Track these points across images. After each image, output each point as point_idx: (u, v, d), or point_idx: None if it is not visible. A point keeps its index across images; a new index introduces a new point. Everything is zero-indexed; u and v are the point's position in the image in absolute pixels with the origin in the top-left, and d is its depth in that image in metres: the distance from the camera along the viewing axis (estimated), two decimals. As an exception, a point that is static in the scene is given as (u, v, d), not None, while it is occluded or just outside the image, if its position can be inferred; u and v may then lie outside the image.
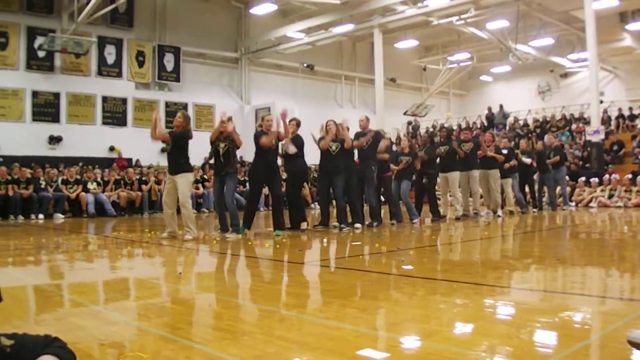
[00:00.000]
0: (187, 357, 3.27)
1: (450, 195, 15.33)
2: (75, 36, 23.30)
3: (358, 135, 13.06)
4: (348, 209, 12.69)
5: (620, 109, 28.69)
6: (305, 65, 32.91)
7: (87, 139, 24.75)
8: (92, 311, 4.61)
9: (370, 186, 13.04)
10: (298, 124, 12.31)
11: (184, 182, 10.60)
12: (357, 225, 12.36)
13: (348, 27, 28.76)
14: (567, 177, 19.38)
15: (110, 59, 26.31)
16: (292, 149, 11.84)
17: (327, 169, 12.30)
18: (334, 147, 12.14)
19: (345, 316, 4.26)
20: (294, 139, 12.02)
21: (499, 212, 15.70)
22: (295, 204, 12.38)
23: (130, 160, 25.20)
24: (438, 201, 15.47)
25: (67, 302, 5.22)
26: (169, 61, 28.13)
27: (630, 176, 20.03)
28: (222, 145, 11.13)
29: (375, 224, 12.91)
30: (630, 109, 28.22)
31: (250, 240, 10.33)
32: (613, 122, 27.82)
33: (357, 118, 14.03)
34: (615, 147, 24.28)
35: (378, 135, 13.27)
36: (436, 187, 15.47)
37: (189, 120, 11.03)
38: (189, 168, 10.85)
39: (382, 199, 14.84)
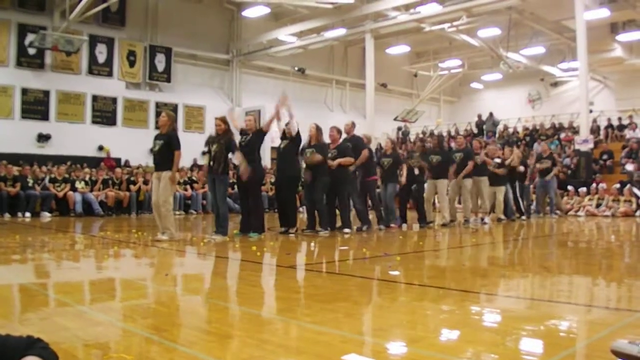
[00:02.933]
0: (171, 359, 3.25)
1: (438, 202, 15.36)
2: (67, 34, 23.22)
3: (344, 141, 13.09)
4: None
5: (609, 119, 28.82)
6: (296, 68, 32.90)
7: (76, 138, 24.66)
8: (77, 311, 4.58)
9: (355, 191, 13.04)
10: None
11: (168, 181, 10.55)
12: (346, 230, 12.34)
13: (340, 32, 28.78)
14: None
15: (101, 57, 26.23)
16: (294, 127, 11.85)
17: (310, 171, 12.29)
18: (308, 153, 12.13)
19: (332, 321, 4.25)
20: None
21: (486, 220, 15.72)
22: (288, 207, 12.33)
23: (119, 160, 25.14)
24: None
25: (52, 302, 5.18)
26: (160, 61, 28.07)
27: (618, 186, 20.13)
28: (214, 147, 11.08)
29: (365, 227, 12.90)
30: (620, 119, 28.34)
31: (238, 243, 10.31)
32: (602, 132, 27.95)
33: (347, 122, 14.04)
34: (604, 157, 24.39)
35: (356, 140, 13.30)
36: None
37: (174, 119, 11.02)
38: (170, 167, 10.79)
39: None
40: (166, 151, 10.55)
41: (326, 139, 12.76)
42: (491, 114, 32.71)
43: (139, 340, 3.71)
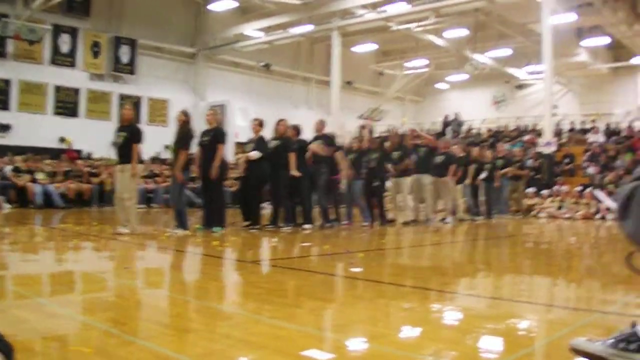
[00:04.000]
0: (130, 353, 3.22)
1: (400, 201, 15.39)
2: (30, 23, 22.90)
3: (315, 139, 13.11)
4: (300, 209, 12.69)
5: (572, 123, 29.14)
6: (262, 64, 32.78)
7: (37, 129, 24.24)
8: (35, 304, 4.53)
9: (320, 188, 13.03)
10: (261, 124, 12.26)
11: (131, 174, 10.46)
12: (307, 226, 12.34)
13: (307, 28, 28.72)
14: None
15: (65, 47, 25.83)
16: (255, 155, 11.78)
17: (273, 168, 12.27)
18: (273, 145, 12.12)
19: (292, 316, 4.25)
20: (258, 141, 11.98)
21: (448, 219, 15.79)
22: (252, 203, 12.29)
23: (80, 152, 24.84)
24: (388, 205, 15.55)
25: (10, 294, 5.11)
26: (124, 53, 27.73)
27: (579, 189, 20.34)
28: (174, 141, 10.99)
29: (326, 225, 12.90)
30: (583, 122, 28.69)
31: (199, 237, 10.25)
32: (565, 135, 28.22)
33: (312, 120, 14.04)
34: (566, 160, 24.62)
35: (325, 138, 13.30)
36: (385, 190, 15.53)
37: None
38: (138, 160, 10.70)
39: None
40: (130, 144, 10.45)
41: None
42: (456, 115, 32.90)
43: (98, 333, 3.67)
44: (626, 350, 2.75)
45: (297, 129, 12.90)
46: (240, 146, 13.29)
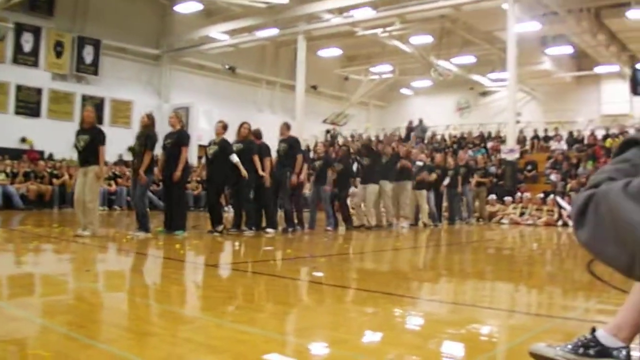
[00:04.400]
0: (90, 356, 3.18)
1: (364, 206, 15.44)
2: (-9, 21, 22.70)
3: (280, 142, 13.12)
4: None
5: (535, 130, 29.39)
6: (227, 67, 32.68)
7: (-2, 128, 24.03)
8: (-8, 306, 4.46)
9: (284, 192, 13.02)
10: (225, 127, 12.21)
11: (95, 176, 10.36)
12: (269, 230, 12.30)
13: (272, 32, 28.70)
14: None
15: (27, 47, 25.50)
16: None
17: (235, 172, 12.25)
18: (235, 148, 12.09)
19: (254, 320, 4.22)
20: (222, 142, 11.93)
21: (404, 224, 15.86)
22: (214, 207, 12.26)
23: (42, 152, 24.56)
24: (352, 210, 15.58)
25: (-34, 295, 5.03)
26: (88, 53, 27.43)
27: (541, 195, 20.55)
28: (136, 143, 10.91)
29: (290, 229, 12.88)
30: (546, 130, 28.93)
31: (161, 241, 10.18)
32: (528, 143, 28.47)
33: (276, 123, 14.03)
34: (529, 167, 24.85)
35: (291, 140, 13.29)
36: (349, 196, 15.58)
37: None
38: (98, 162, 10.59)
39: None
40: (93, 146, 10.34)
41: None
42: (421, 121, 33.04)
43: (57, 336, 3.63)
44: (586, 355, 2.78)
45: (257, 134, 12.88)
46: (204, 149, 13.19)
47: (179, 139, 11.17)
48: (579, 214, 1.36)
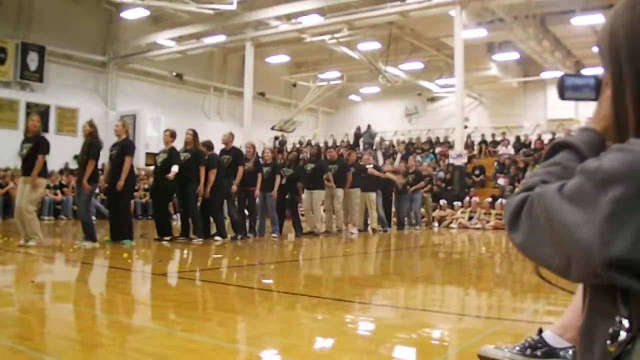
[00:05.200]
0: (35, 369, 3.11)
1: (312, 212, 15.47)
2: None
3: (222, 152, 13.10)
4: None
5: (483, 135, 29.73)
6: (174, 74, 32.51)
7: (-62, 138, 23.53)
8: None
9: (230, 200, 13.00)
10: (173, 135, 12.15)
11: (31, 186, 10.19)
12: (217, 238, 12.24)
13: (220, 38, 28.65)
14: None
15: (-31, 54, 25.19)
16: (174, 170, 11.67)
17: (183, 179, 12.19)
18: (182, 157, 12.06)
19: (204, 329, 4.19)
20: (170, 151, 11.89)
21: (353, 230, 15.95)
22: (162, 215, 12.18)
23: (-14, 162, 24.14)
24: (301, 217, 15.60)
25: None
26: (32, 60, 27.02)
27: (490, 200, 20.79)
28: (80, 152, 10.75)
29: (239, 237, 12.83)
30: (493, 135, 29.27)
31: (108, 250, 10.06)
32: (476, 147, 28.75)
33: (224, 130, 14.01)
34: (477, 172, 25.11)
35: (235, 151, 13.29)
36: (299, 203, 15.61)
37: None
38: (43, 172, 10.41)
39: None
40: (35, 155, 10.16)
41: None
42: (369, 126, 33.17)
43: (2, 350, 3.55)
44: (534, 356, 2.81)
45: (209, 145, 12.82)
46: (151, 157, 13.08)
47: (123, 148, 11.02)
48: (512, 218, 1.38)
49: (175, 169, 11.66)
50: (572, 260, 1.23)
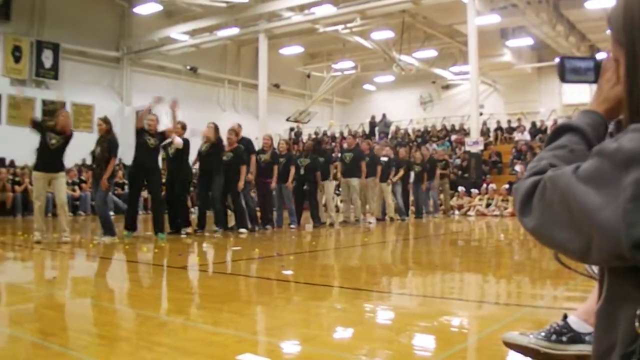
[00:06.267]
0: (60, 364, 3.14)
1: (324, 204, 15.49)
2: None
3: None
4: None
5: (498, 122, 29.59)
6: (188, 67, 32.53)
7: (-44, 136, 23.68)
8: (-42, 316, 4.39)
9: (246, 191, 13.03)
10: (184, 127, 12.17)
11: (64, 182, 10.31)
12: (242, 230, 12.26)
13: (233, 31, 28.63)
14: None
15: (-15, 52, 25.28)
16: (178, 141, 11.65)
17: (204, 171, 12.25)
18: (203, 148, 12.13)
19: (225, 321, 4.21)
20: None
21: (371, 220, 15.94)
22: (178, 207, 12.20)
23: (3, 160, 24.23)
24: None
25: None
26: (47, 58, 27.12)
27: (507, 186, 20.68)
28: (98, 148, 10.79)
29: (257, 228, 12.85)
30: (509, 121, 29.14)
31: (129, 244, 10.10)
32: (492, 134, 28.64)
33: (239, 122, 14.02)
34: (493, 158, 25.01)
35: (246, 143, 13.28)
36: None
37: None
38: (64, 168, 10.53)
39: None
40: (62, 152, 10.25)
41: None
42: (384, 116, 33.10)
43: (26, 345, 3.58)
44: (559, 342, 2.80)
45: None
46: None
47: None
48: (523, 202, 1.38)
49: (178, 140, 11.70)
50: (592, 243, 1.22)
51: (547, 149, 1.51)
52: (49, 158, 10.19)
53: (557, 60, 1.67)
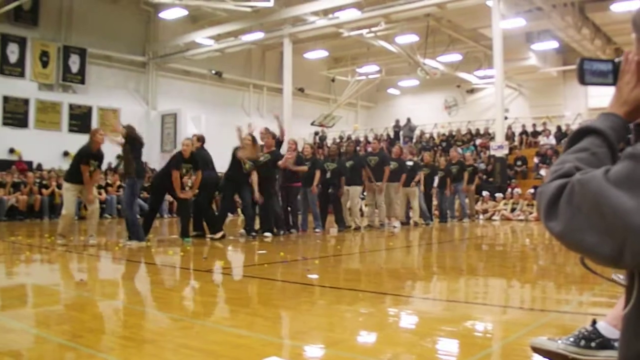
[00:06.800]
0: (88, 366, 3.18)
1: (349, 207, 15.48)
2: (-24, 33, 22.63)
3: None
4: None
5: (524, 126, 29.39)
6: (213, 72, 32.64)
7: (-14, 140, 23.89)
8: (-13, 318, 4.44)
9: (272, 195, 13.04)
10: (200, 139, 12.38)
11: (95, 191, 10.50)
12: (267, 234, 12.29)
13: (258, 36, 28.67)
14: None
15: (13, 57, 25.40)
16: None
17: (235, 179, 12.32)
18: (247, 166, 12.21)
19: (251, 324, 4.23)
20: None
21: (396, 224, 15.91)
22: (206, 212, 12.26)
23: (30, 163, 24.45)
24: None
25: (-39, 308, 5.01)
26: (74, 62, 27.33)
27: (532, 191, 20.56)
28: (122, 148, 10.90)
29: (282, 232, 12.87)
30: (534, 125, 28.94)
31: (154, 248, 10.16)
32: (517, 138, 28.46)
33: (265, 126, 14.07)
34: (518, 163, 24.89)
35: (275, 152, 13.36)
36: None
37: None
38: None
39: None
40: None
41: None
42: (408, 120, 32.99)
43: (54, 347, 3.62)
44: (588, 347, 2.79)
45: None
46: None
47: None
48: (549, 206, 1.37)
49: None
50: (626, 247, 1.22)
51: (568, 152, 1.51)
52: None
53: (576, 62, 1.67)
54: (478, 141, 28.77)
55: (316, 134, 35.11)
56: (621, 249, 1.22)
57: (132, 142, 10.73)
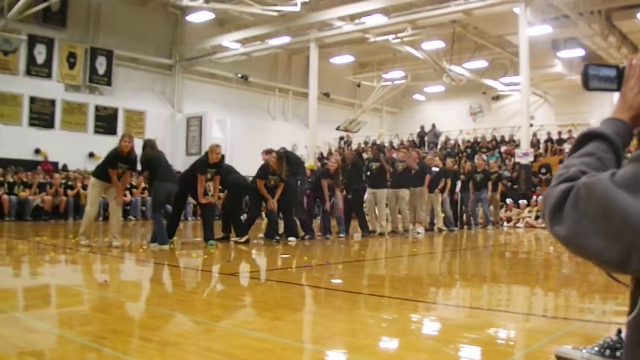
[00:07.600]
0: (111, 367, 3.19)
1: (377, 211, 15.44)
2: (5, 33, 22.82)
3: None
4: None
5: (549, 133, 29.26)
6: (239, 76, 32.75)
7: (11, 140, 23.98)
8: (11, 318, 4.47)
9: (297, 201, 13.07)
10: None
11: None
12: (291, 239, 12.30)
13: (284, 40, 28.74)
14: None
15: (41, 58, 25.60)
16: None
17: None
18: (272, 182, 12.28)
19: (274, 329, 4.23)
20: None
21: (420, 230, 15.87)
22: (234, 216, 12.31)
23: (56, 164, 24.62)
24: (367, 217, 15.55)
25: (-14, 308, 5.04)
26: (101, 64, 27.53)
27: (557, 199, 20.44)
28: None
29: (307, 237, 12.86)
30: (560, 133, 28.79)
31: (178, 251, 10.20)
32: (542, 146, 28.33)
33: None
34: (543, 170, 24.77)
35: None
36: (364, 202, 15.53)
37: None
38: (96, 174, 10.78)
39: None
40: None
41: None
42: (434, 126, 32.94)
43: (77, 347, 3.63)
44: (613, 357, 2.77)
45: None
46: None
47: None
48: (554, 210, 1.36)
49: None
50: (634, 250, 1.21)
51: (574, 157, 1.50)
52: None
53: (581, 68, 1.67)
54: (503, 148, 28.66)
55: (341, 139, 35.12)
56: (629, 253, 1.22)
57: (150, 164, 10.80)
